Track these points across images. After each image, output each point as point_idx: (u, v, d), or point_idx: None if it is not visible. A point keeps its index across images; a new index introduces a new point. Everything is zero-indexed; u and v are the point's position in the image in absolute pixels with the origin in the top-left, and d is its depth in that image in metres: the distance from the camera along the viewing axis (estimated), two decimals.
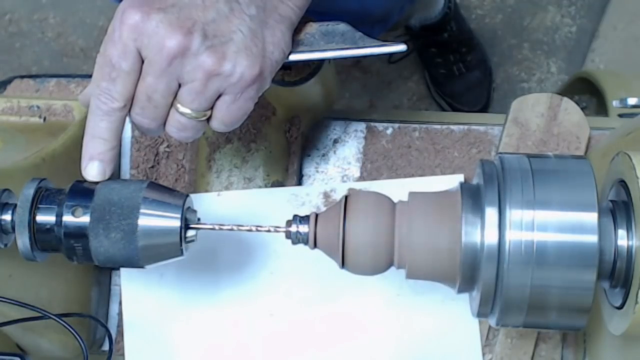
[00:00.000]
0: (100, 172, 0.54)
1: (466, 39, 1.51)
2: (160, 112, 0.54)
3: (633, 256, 0.49)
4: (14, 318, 0.61)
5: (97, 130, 0.54)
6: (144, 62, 0.52)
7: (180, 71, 0.51)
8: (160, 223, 0.52)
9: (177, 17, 0.50)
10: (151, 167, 0.80)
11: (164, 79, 0.52)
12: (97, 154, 0.54)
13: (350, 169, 0.78)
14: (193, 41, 0.50)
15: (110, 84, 0.52)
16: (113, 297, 0.80)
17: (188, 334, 0.73)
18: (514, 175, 0.50)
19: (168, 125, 0.55)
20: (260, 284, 0.73)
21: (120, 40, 0.51)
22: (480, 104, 1.53)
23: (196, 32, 0.50)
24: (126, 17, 0.51)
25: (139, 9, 0.50)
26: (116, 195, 0.53)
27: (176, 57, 0.51)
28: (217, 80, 0.52)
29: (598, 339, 0.67)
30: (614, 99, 0.72)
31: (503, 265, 0.48)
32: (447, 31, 1.47)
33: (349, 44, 0.60)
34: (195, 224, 0.55)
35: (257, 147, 0.74)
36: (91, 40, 1.70)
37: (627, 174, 0.50)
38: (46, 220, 0.53)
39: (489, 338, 0.71)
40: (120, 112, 0.53)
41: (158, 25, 0.50)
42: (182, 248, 0.53)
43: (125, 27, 0.51)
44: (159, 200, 0.53)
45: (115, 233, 0.52)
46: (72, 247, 0.53)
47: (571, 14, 1.59)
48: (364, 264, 0.53)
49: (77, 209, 0.53)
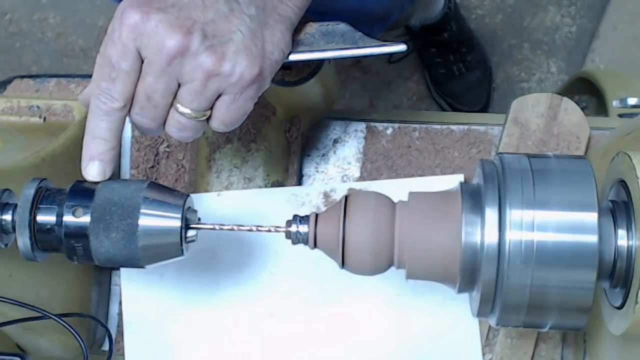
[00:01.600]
0: (100, 172, 0.54)
1: (466, 39, 1.51)
2: (160, 112, 0.54)
3: (633, 256, 0.49)
4: (14, 318, 0.61)
5: (97, 130, 0.54)
6: (143, 62, 0.52)
7: (179, 71, 0.51)
8: (160, 223, 0.52)
9: (177, 17, 0.50)
10: (151, 167, 0.80)
11: (164, 79, 0.52)
12: (97, 154, 0.54)
13: (350, 169, 0.78)
14: (192, 41, 0.50)
15: (110, 83, 0.52)
16: (113, 297, 0.80)
17: (188, 334, 0.73)
18: (514, 175, 0.50)
19: (168, 125, 0.55)
20: (260, 284, 0.73)
21: (120, 40, 0.51)
22: (481, 104, 1.53)
23: (196, 32, 0.50)
24: (125, 17, 0.51)
25: (138, 9, 0.50)
26: (116, 195, 0.53)
27: (176, 57, 0.51)
28: (217, 80, 0.52)
29: (598, 339, 0.67)
30: (614, 99, 0.72)
31: (503, 265, 0.48)
32: (447, 31, 1.47)
33: (349, 44, 0.60)
34: (196, 224, 0.55)
35: (257, 147, 0.74)
36: (91, 40, 1.70)
37: (627, 174, 0.50)
38: (47, 220, 0.53)
39: (489, 338, 0.71)
40: (120, 112, 0.53)
41: (157, 25, 0.50)
42: (182, 248, 0.53)
43: (124, 27, 0.51)
44: (160, 200, 0.53)
45: (116, 233, 0.52)
46: (72, 247, 0.53)
47: (571, 14, 1.59)
48: (364, 264, 0.53)
49: (78, 209, 0.53)
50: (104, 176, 0.54)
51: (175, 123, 0.54)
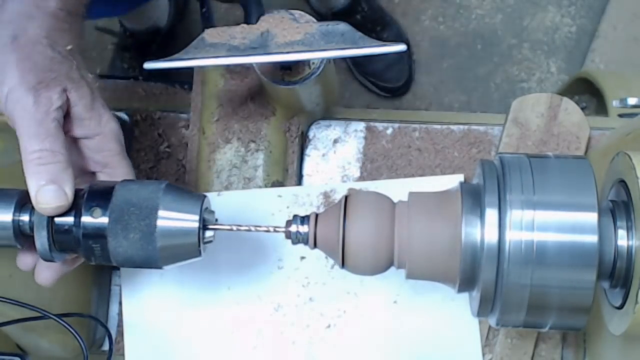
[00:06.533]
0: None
1: (379, 18, 1.52)
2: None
3: (633, 256, 0.49)
4: (14, 318, 0.61)
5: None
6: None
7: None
8: (178, 224, 0.52)
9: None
10: (151, 167, 0.80)
11: None
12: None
13: (350, 169, 0.78)
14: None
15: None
16: (113, 297, 0.80)
17: (188, 334, 0.73)
18: (514, 176, 0.50)
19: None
20: (260, 284, 0.73)
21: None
22: (404, 78, 1.55)
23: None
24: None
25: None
26: (135, 196, 0.53)
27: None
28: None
29: (598, 339, 0.67)
30: (614, 99, 0.72)
31: (503, 265, 0.48)
32: (358, 13, 1.48)
33: (349, 44, 0.60)
34: (213, 224, 0.55)
35: (257, 147, 0.74)
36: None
37: (627, 174, 0.50)
38: (65, 221, 0.53)
39: (489, 338, 0.71)
40: None
41: None
42: (200, 249, 0.53)
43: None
44: (177, 201, 0.53)
45: (134, 234, 0.52)
46: (90, 248, 0.53)
47: (571, 14, 1.59)
48: (364, 264, 0.53)
49: (96, 209, 0.53)
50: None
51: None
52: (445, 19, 1.61)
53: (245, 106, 0.75)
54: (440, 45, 1.60)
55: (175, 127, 0.81)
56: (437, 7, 1.61)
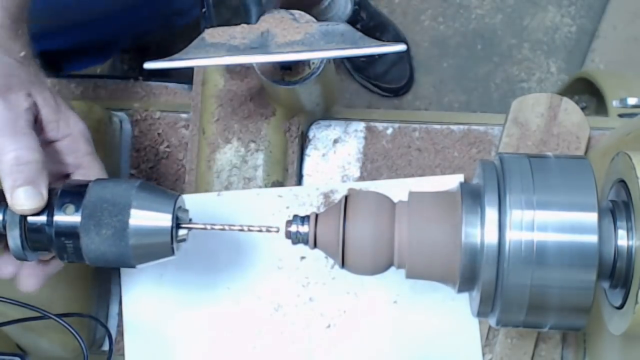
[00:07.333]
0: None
1: (378, 24, 1.52)
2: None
3: (633, 256, 0.49)
4: (14, 318, 0.61)
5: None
6: None
7: None
8: (151, 222, 0.52)
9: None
10: (151, 167, 0.80)
11: None
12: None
13: (350, 169, 0.78)
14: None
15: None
16: (113, 297, 0.80)
17: (188, 334, 0.73)
18: (514, 176, 0.50)
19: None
20: (259, 284, 0.73)
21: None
22: (405, 78, 1.55)
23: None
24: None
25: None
26: (109, 192, 0.53)
27: None
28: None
29: (598, 339, 0.67)
30: (614, 99, 0.72)
31: (503, 265, 0.48)
32: (358, 22, 1.48)
33: (349, 43, 0.60)
34: (187, 223, 0.55)
35: (257, 147, 0.74)
36: None
37: (627, 174, 0.50)
38: (37, 219, 0.53)
39: (489, 338, 0.71)
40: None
41: None
42: (173, 247, 0.53)
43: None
44: (151, 199, 0.53)
45: (107, 229, 0.52)
46: (63, 245, 0.53)
47: (571, 14, 1.59)
48: (364, 264, 0.53)
49: (69, 206, 0.53)
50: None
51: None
52: (445, 19, 1.61)
53: (245, 106, 0.74)
54: (440, 45, 1.60)
55: (175, 127, 0.81)
56: (437, 7, 1.61)
